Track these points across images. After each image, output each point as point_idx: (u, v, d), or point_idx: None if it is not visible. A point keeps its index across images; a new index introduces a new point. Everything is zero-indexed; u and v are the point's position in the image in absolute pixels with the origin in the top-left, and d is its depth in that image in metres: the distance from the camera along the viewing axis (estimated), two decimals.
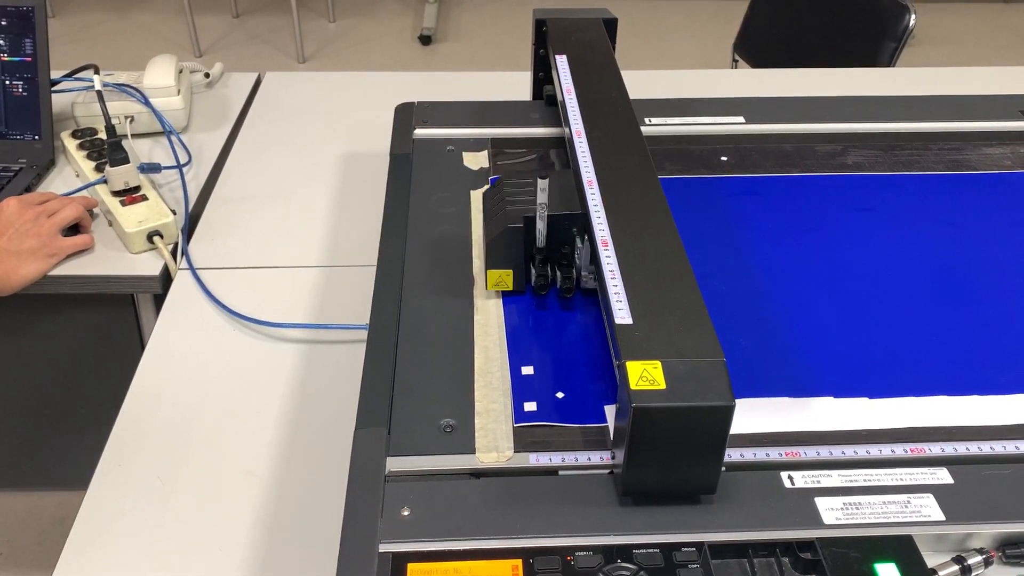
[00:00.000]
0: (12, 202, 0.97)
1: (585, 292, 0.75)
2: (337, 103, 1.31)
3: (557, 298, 0.75)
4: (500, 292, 0.76)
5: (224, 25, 3.46)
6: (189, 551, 0.69)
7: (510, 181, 0.77)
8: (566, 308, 0.74)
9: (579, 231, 0.73)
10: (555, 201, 0.72)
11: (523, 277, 0.75)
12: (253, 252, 1.01)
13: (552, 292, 0.76)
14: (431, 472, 0.60)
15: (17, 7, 1.13)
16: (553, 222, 0.72)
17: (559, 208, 0.73)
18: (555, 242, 0.74)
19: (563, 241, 0.74)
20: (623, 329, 0.60)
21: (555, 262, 0.75)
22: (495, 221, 0.75)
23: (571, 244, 0.74)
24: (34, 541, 1.58)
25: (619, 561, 0.54)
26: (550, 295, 0.76)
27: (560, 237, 0.73)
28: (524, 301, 0.75)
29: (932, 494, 0.59)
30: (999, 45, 3.44)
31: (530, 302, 0.75)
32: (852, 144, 0.98)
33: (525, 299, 0.75)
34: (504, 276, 0.74)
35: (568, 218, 0.73)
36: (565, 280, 0.74)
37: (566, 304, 0.75)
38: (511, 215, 0.73)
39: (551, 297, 0.75)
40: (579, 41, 1.00)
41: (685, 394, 0.54)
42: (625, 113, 0.86)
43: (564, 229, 0.73)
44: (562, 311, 0.74)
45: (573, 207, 0.74)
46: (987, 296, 0.77)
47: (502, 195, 0.76)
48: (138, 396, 0.83)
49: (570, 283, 0.74)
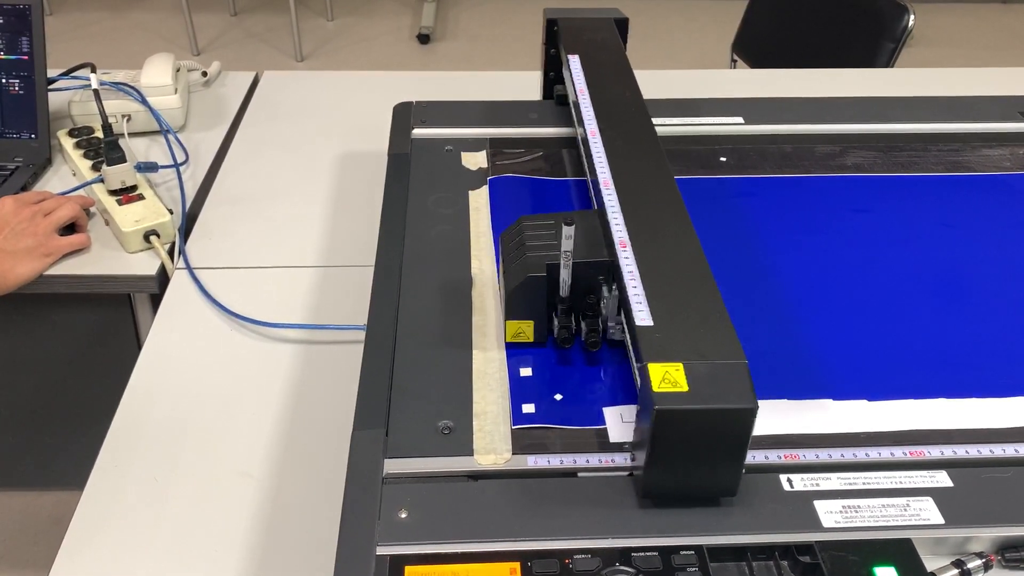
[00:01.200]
0: (8, 201, 0.97)
1: (612, 344, 0.70)
2: (335, 102, 1.30)
3: (582, 351, 0.70)
4: None
5: (222, 23, 3.46)
6: (185, 552, 0.69)
7: (529, 223, 0.71)
8: (591, 363, 0.69)
9: (606, 279, 0.68)
10: (580, 247, 0.67)
11: (545, 328, 0.70)
12: (250, 252, 1.00)
13: (577, 346, 0.70)
14: (429, 474, 0.60)
15: (14, 5, 1.12)
16: (578, 270, 0.66)
17: (584, 254, 0.67)
18: (579, 291, 0.68)
19: (588, 290, 0.68)
20: (644, 331, 0.59)
21: (579, 312, 0.69)
22: (515, 269, 0.69)
23: (597, 293, 0.68)
24: (30, 541, 1.58)
25: (617, 564, 0.54)
26: (574, 349, 0.70)
27: (585, 285, 0.68)
28: (545, 354, 0.70)
29: (931, 497, 0.59)
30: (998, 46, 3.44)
31: (552, 356, 0.70)
32: (851, 145, 0.98)
33: (546, 352, 0.70)
34: (525, 327, 0.70)
35: (594, 266, 0.67)
36: (591, 333, 0.68)
37: (591, 359, 0.70)
38: (531, 263, 0.68)
39: (575, 351, 0.70)
40: (591, 41, 0.99)
41: (708, 396, 0.54)
42: (639, 113, 0.86)
43: (589, 277, 0.68)
44: (587, 366, 0.69)
45: (599, 253, 0.68)
46: (986, 298, 0.77)
47: (521, 239, 0.70)
48: (135, 396, 0.83)
49: (596, 336, 0.68)
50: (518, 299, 0.69)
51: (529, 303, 0.69)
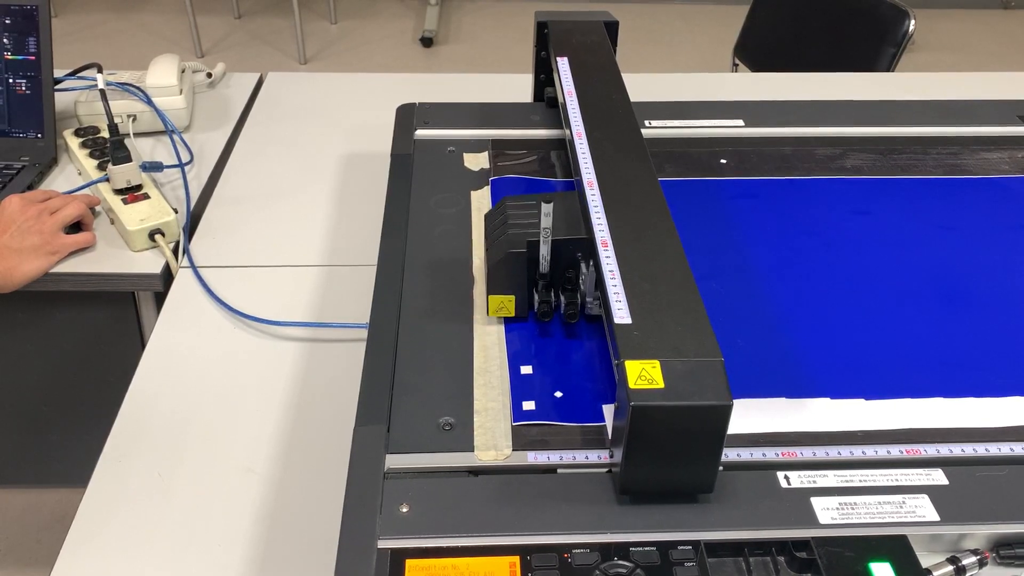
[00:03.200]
0: (14, 199, 0.98)
1: (590, 319, 0.73)
2: (338, 104, 1.31)
3: (561, 324, 0.73)
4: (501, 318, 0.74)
5: (226, 26, 3.47)
6: (189, 547, 0.70)
7: (512, 203, 0.74)
8: (570, 336, 0.72)
9: (584, 256, 0.71)
10: (560, 225, 0.70)
11: (526, 303, 0.73)
12: (254, 251, 1.01)
13: (556, 319, 0.73)
14: (430, 469, 0.61)
15: (21, 6, 1.13)
16: (557, 247, 0.70)
17: (564, 232, 0.70)
18: (559, 267, 0.71)
19: (567, 266, 0.71)
20: (622, 328, 0.60)
21: (559, 287, 0.73)
22: (497, 245, 0.72)
23: (576, 269, 0.72)
24: (32, 538, 1.59)
25: (615, 559, 0.55)
26: (553, 322, 0.73)
27: (564, 262, 0.71)
28: (526, 328, 0.73)
29: (927, 495, 0.60)
30: (999, 51, 3.45)
31: (532, 328, 0.73)
32: (851, 148, 0.98)
33: (527, 325, 0.73)
34: (506, 302, 0.72)
35: (573, 243, 0.70)
36: (569, 306, 0.71)
37: (570, 331, 0.72)
38: (513, 239, 0.71)
39: (554, 324, 0.73)
40: (580, 43, 1.00)
41: (683, 393, 0.55)
42: (626, 115, 0.87)
43: (568, 254, 0.71)
44: (565, 338, 0.72)
45: (578, 231, 0.71)
46: (983, 299, 0.77)
47: (504, 218, 0.73)
48: (139, 393, 0.83)
49: (574, 309, 0.71)
50: (500, 274, 0.71)
51: (510, 278, 0.71)
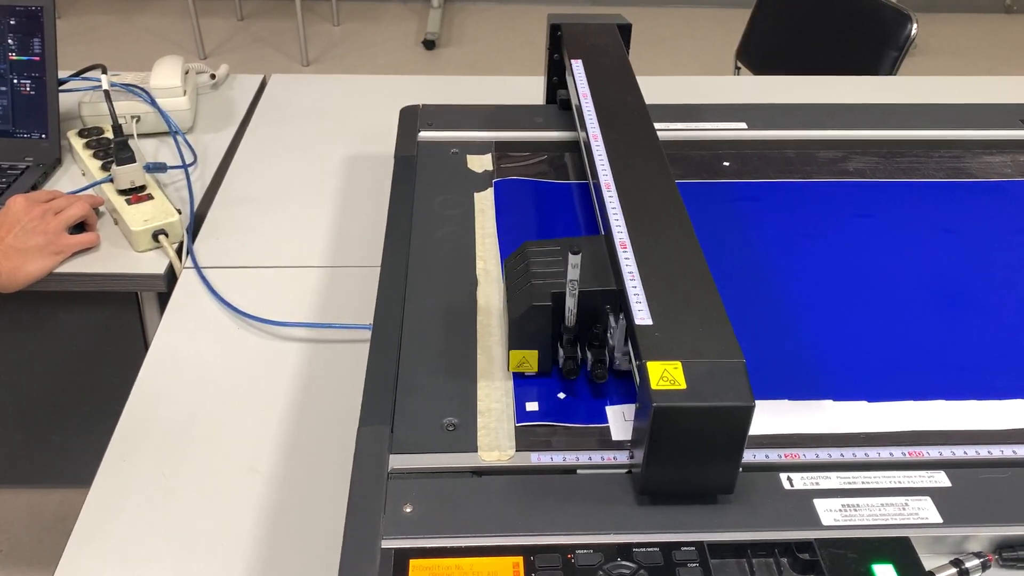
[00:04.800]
0: (19, 199, 0.98)
1: (618, 375, 0.68)
2: (342, 105, 1.32)
3: (588, 383, 0.68)
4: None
5: (229, 28, 3.48)
6: (192, 547, 0.70)
7: (534, 249, 0.70)
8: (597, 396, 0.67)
9: (613, 308, 0.66)
10: (586, 275, 0.65)
11: (549, 358, 0.68)
12: (258, 252, 1.01)
13: (582, 376, 0.68)
14: (433, 470, 0.61)
15: (26, 7, 1.14)
16: (584, 299, 0.64)
17: (591, 283, 0.66)
18: (585, 320, 0.66)
19: (594, 319, 0.67)
20: (643, 330, 0.60)
21: (585, 342, 0.68)
22: (519, 297, 0.67)
23: (603, 323, 0.67)
24: (35, 539, 1.59)
25: (619, 559, 0.55)
26: (579, 380, 0.68)
27: (591, 315, 0.66)
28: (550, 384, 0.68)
29: (930, 497, 0.60)
30: (1001, 56, 3.45)
31: (556, 386, 0.68)
32: (853, 151, 0.99)
33: (551, 382, 0.68)
34: (529, 357, 0.67)
35: (601, 295, 0.66)
36: (597, 364, 0.66)
37: (597, 390, 0.67)
38: (536, 291, 0.66)
39: (580, 383, 0.68)
40: (594, 46, 1.01)
41: (705, 394, 0.55)
42: (641, 117, 0.87)
43: (596, 306, 0.66)
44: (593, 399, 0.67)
45: (607, 282, 0.66)
46: (985, 302, 0.78)
47: (526, 266, 0.69)
48: (142, 393, 0.84)
49: (602, 367, 0.66)
50: (522, 329, 0.66)
51: (534, 333, 0.67)
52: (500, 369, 0.69)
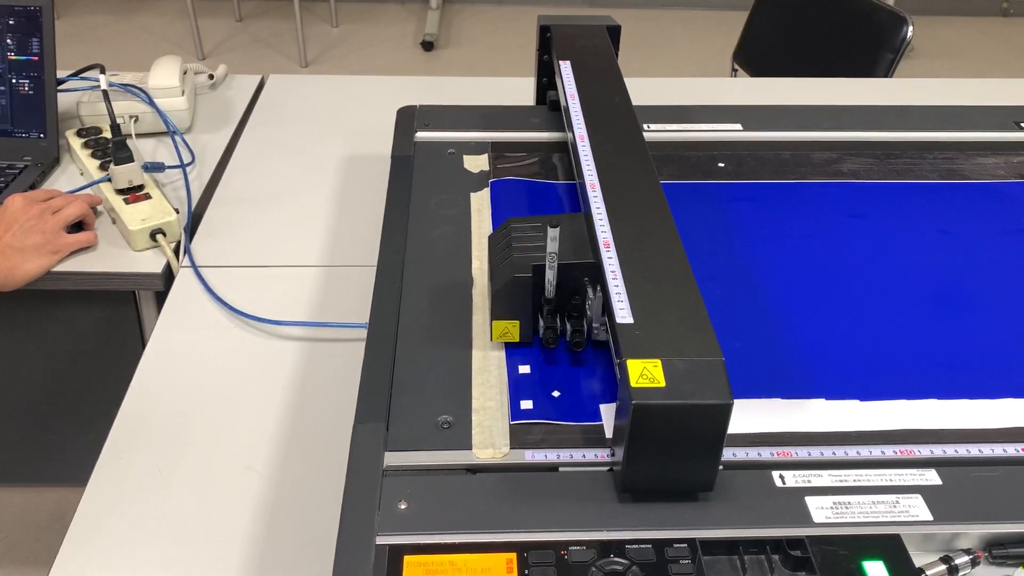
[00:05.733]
0: (17, 198, 0.98)
1: (596, 345, 0.71)
2: (340, 106, 1.32)
3: (567, 352, 0.71)
4: None
5: (227, 29, 3.48)
6: (188, 545, 0.70)
7: (517, 225, 0.73)
8: (575, 364, 0.70)
9: (591, 281, 0.69)
10: (566, 249, 0.69)
11: (530, 328, 0.71)
12: (255, 251, 1.02)
13: (561, 346, 0.72)
14: (428, 467, 0.61)
15: (25, 6, 1.14)
16: (563, 271, 0.68)
17: (570, 256, 0.69)
18: (565, 292, 0.70)
19: (573, 291, 0.70)
20: (624, 328, 0.61)
21: (565, 313, 0.71)
22: (502, 269, 0.70)
23: (582, 294, 0.70)
24: (31, 537, 1.59)
25: (612, 556, 0.55)
26: (559, 349, 0.71)
27: (571, 287, 0.69)
28: (531, 354, 0.71)
29: (921, 495, 0.60)
30: (998, 59, 3.46)
31: (537, 355, 0.71)
32: (848, 152, 0.99)
33: (532, 351, 0.71)
34: (510, 327, 0.71)
35: (580, 267, 0.69)
36: (575, 334, 0.69)
37: (575, 359, 0.71)
38: (518, 263, 0.69)
39: (560, 351, 0.71)
40: (583, 47, 1.01)
41: (684, 392, 0.55)
42: (628, 118, 0.88)
43: (575, 279, 0.69)
44: (571, 366, 0.70)
45: (585, 256, 0.70)
46: (977, 302, 0.78)
47: (508, 240, 0.72)
48: (139, 392, 0.84)
49: (580, 336, 0.69)
50: (504, 299, 0.70)
51: (515, 303, 0.70)
52: (495, 367, 0.70)
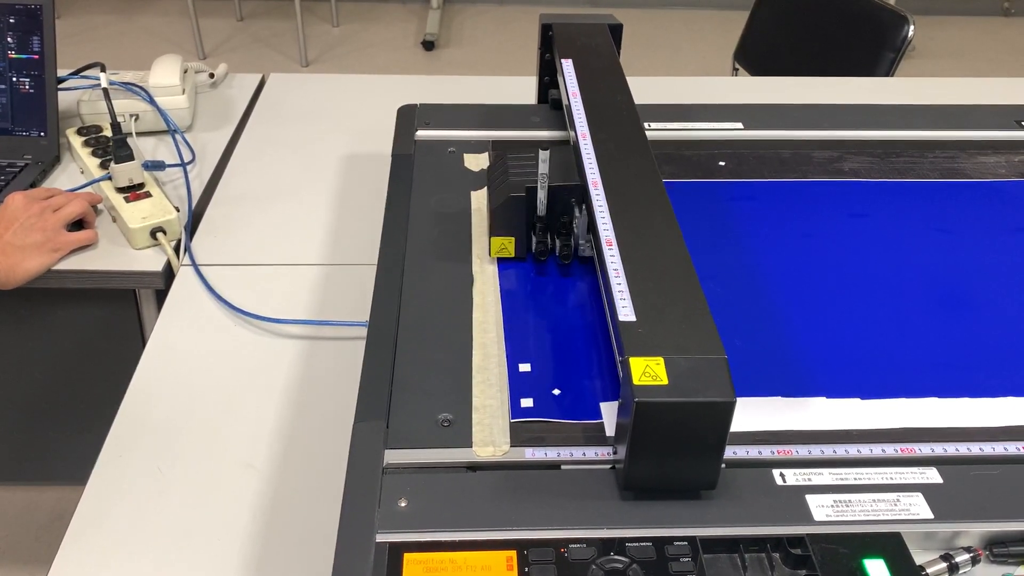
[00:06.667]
0: (17, 197, 0.99)
1: (582, 260, 0.80)
2: (340, 105, 1.32)
3: (556, 265, 0.80)
4: (498, 260, 0.80)
5: (228, 28, 3.48)
6: (188, 543, 0.70)
7: (513, 155, 0.81)
8: (564, 275, 0.79)
9: (577, 202, 0.77)
10: (555, 173, 0.77)
11: (525, 244, 0.79)
12: (255, 249, 1.02)
13: (551, 260, 0.80)
14: (428, 465, 0.61)
15: (25, 5, 1.14)
16: (553, 192, 0.77)
17: (559, 179, 0.77)
18: (555, 212, 0.78)
19: (563, 211, 0.78)
20: (626, 326, 0.60)
21: (555, 231, 0.79)
22: (499, 191, 0.79)
23: (570, 214, 0.78)
24: (31, 536, 1.59)
25: (612, 554, 0.55)
26: (549, 263, 0.80)
27: (560, 207, 0.78)
28: (524, 268, 0.80)
29: (921, 493, 0.60)
30: (999, 59, 3.46)
31: (530, 269, 0.79)
32: (848, 151, 0.99)
33: (525, 266, 0.80)
34: (507, 243, 0.79)
35: (567, 189, 0.77)
36: (564, 248, 0.78)
37: (564, 271, 0.79)
38: (513, 185, 0.77)
39: (550, 265, 0.80)
40: (585, 46, 1.01)
41: (687, 390, 0.55)
42: (630, 117, 0.87)
43: (563, 199, 0.77)
44: (560, 278, 0.78)
45: (572, 178, 0.78)
46: (978, 301, 0.78)
47: (505, 167, 0.80)
48: (139, 390, 0.84)
49: (568, 251, 0.78)
50: (501, 216, 0.78)
51: (511, 220, 0.78)
52: (496, 365, 0.70)
